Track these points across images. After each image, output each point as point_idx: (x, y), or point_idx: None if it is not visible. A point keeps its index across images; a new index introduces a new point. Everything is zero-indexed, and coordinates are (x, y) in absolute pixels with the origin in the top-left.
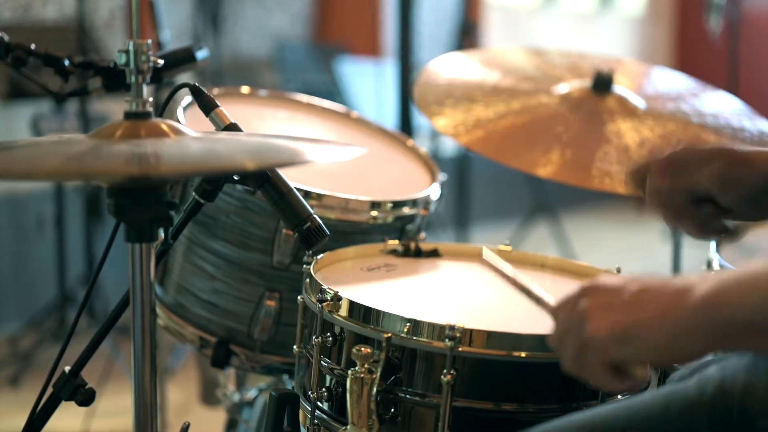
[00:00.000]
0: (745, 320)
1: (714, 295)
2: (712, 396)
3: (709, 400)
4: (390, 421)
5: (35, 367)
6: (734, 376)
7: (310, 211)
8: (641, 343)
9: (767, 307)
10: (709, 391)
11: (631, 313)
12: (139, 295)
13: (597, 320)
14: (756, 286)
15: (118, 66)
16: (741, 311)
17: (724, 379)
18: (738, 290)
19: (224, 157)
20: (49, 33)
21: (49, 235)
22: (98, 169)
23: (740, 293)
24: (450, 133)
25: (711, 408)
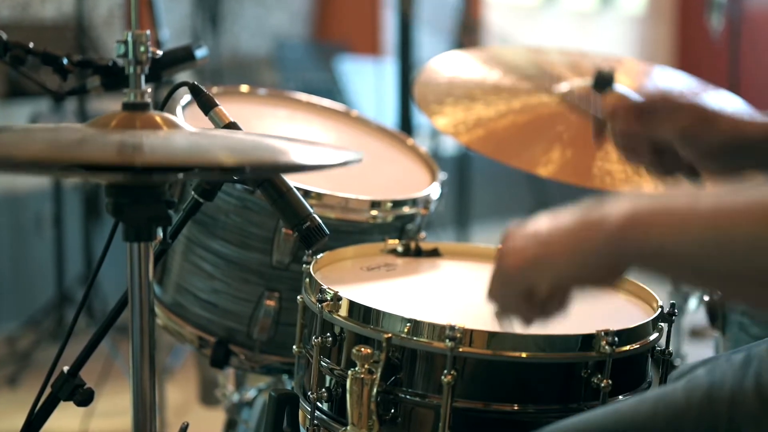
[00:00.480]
0: (653, 248)
1: (626, 222)
2: (699, 403)
3: (696, 407)
4: (390, 421)
5: (33, 367)
6: (722, 383)
7: (309, 211)
8: (549, 270)
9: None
10: (697, 398)
11: (541, 246)
12: (137, 295)
13: (510, 255)
14: (669, 215)
15: (117, 64)
16: (651, 239)
17: (712, 385)
18: (650, 218)
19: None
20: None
21: (47, 235)
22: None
23: (651, 221)
24: (450, 132)
25: (698, 415)
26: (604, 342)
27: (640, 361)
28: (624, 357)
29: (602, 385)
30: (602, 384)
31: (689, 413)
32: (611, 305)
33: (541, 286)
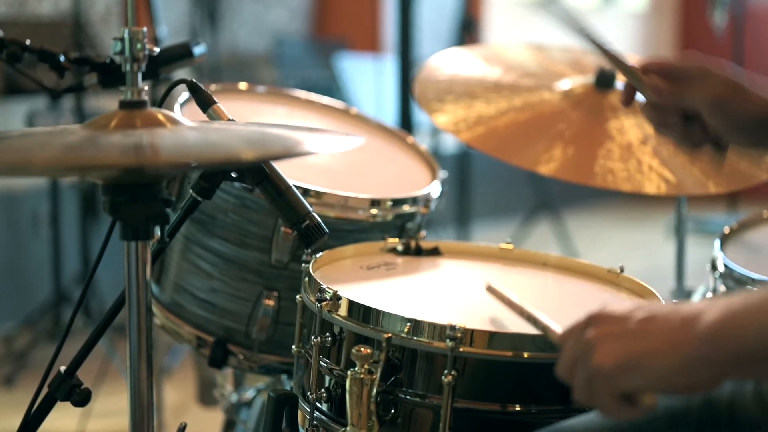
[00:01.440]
0: (753, 349)
1: (722, 322)
2: (699, 406)
3: (696, 411)
4: (390, 422)
5: (30, 367)
6: (721, 387)
7: (308, 209)
8: (649, 373)
9: None
10: (697, 401)
11: (638, 343)
12: (135, 294)
13: (603, 350)
14: (764, 312)
15: (113, 57)
16: (749, 339)
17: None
18: (746, 317)
19: (222, 147)
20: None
21: (44, 233)
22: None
23: (748, 321)
24: (451, 129)
25: (698, 418)
26: None
27: None
28: None
29: None
30: None
31: (689, 417)
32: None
33: (638, 390)
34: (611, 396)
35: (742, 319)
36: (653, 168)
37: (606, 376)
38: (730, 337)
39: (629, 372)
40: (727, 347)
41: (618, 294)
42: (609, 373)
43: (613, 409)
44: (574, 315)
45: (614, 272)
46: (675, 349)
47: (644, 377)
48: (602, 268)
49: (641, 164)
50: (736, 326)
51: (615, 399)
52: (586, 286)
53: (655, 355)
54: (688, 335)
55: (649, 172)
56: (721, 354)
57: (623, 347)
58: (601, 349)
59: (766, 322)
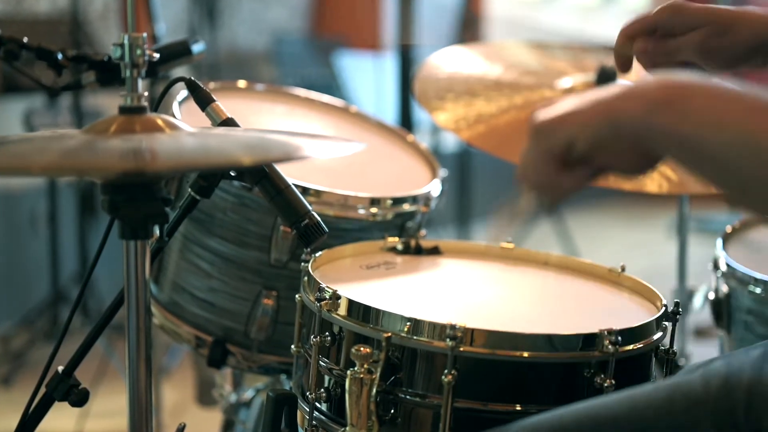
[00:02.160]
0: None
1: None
2: (716, 391)
3: (713, 396)
4: (390, 422)
5: (28, 367)
6: (739, 372)
7: (308, 208)
8: (580, 125)
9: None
10: (714, 386)
11: (577, 104)
12: (133, 294)
13: (545, 113)
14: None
15: (113, 60)
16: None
17: (730, 375)
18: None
19: (220, 153)
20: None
21: (42, 233)
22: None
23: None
24: (451, 128)
25: (715, 404)
26: (607, 341)
27: (643, 361)
28: (627, 357)
29: (605, 385)
30: (605, 384)
31: (707, 402)
32: (614, 303)
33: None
34: (544, 152)
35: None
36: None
37: (540, 130)
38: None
39: (562, 123)
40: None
41: (619, 293)
42: (543, 126)
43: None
44: (574, 314)
45: (615, 271)
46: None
47: (575, 128)
48: (603, 267)
49: None
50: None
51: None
52: (587, 286)
53: (591, 114)
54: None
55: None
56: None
57: (561, 108)
58: (542, 113)
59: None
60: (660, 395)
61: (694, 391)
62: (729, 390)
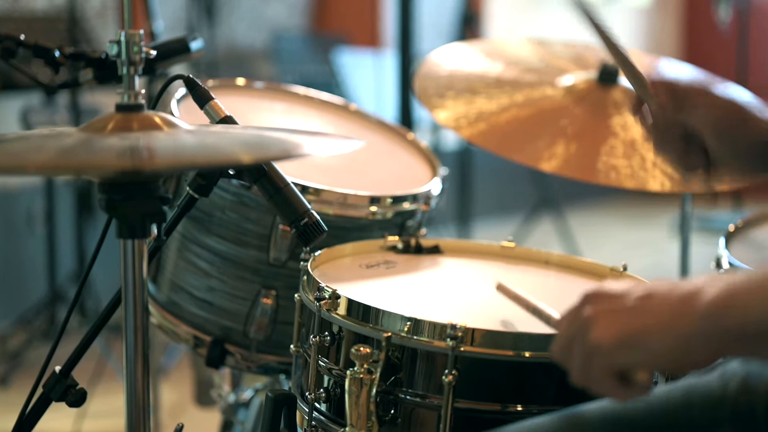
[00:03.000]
0: (755, 327)
1: (722, 299)
2: (735, 392)
3: (732, 397)
4: (390, 422)
5: (25, 367)
6: (759, 373)
7: (307, 207)
8: (647, 350)
9: None
10: (733, 388)
11: (636, 319)
12: (131, 293)
13: (601, 327)
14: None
15: (110, 57)
16: (751, 317)
17: (749, 375)
18: (748, 295)
19: (219, 151)
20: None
21: (39, 232)
22: (90, 162)
23: (750, 298)
24: (451, 126)
25: (734, 405)
26: None
27: None
28: None
29: None
30: None
31: (725, 402)
32: None
33: (635, 367)
34: (608, 373)
35: (743, 296)
36: (657, 165)
37: (603, 352)
38: (730, 314)
39: (627, 348)
40: (726, 324)
41: None
42: (606, 349)
43: (609, 387)
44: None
45: (617, 271)
46: (673, 325)
47: (642, 353)
48: (605, 266)
49: (645, 161)
50: (736, 303)
51: (611, 376)
52: (588, 285)
53: (653, 332)
54: (687, 311)
55: (653, 169)
56: (719, 331)
57: (621, 323)
58: (599, 326)
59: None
60: (676, 396)
61: (712, 392)
62: (748, 390)
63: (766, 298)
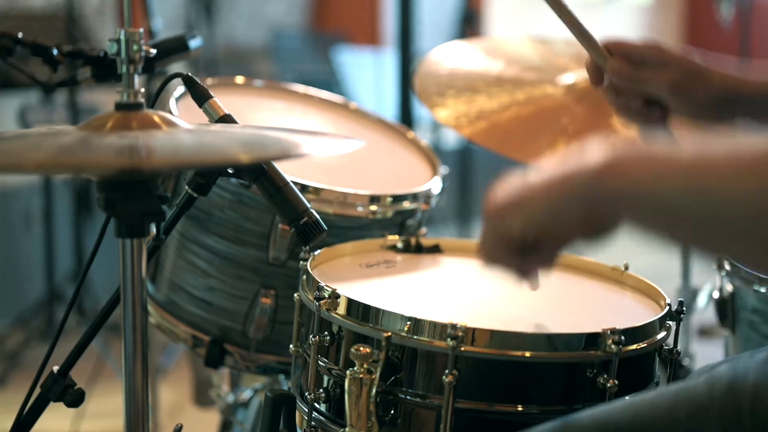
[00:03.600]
0: (633, 192)
1: (605, 164)
2: (721, 396)
3: (718, 401)
4: (390, 423)
5: (23, 367)
6: (744, 377)
7: (307, 206)
8: (526, 211)
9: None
10: (719, 391)
11: (521, 190)
12: (130, 293)
13: (494, 199)
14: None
15: (109, 55)
16: (631, 184)
17: (735, 379)
18: (630, 165)
19: (218, 150)
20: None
21: (37, 231)
22: (89, 161)
23: (632, 167)
24: (452, 124)
25: (721, 409)
26: (610, 341)
27: (647, 361)
28: (631, 356)
29: (608, 386)
30: (608, 384)
31: (712, 407)
32: (617, 303)
33: (515, 229)
34: (497, 239)
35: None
36: None
37: (490, 219)
38: (610, 182)
39: (507, 212)
40: (605, 190)
41: (622, 292)
42: (492, 216)
43: (502, 255)
44: (577, 314)
45: (618, 270)
46: (553, 188)
47: (524, 213)
48: (606, 265)
49: None
50: (617, 171)
51: (501, 243)
52: (589, 285)
53: (534, 198)
54: (568, 181)
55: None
56: (600, 195)
57: (506, 195)
58: (493, 199)
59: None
60: (664, 401)
61: (699, 397)
62: (734, 394)
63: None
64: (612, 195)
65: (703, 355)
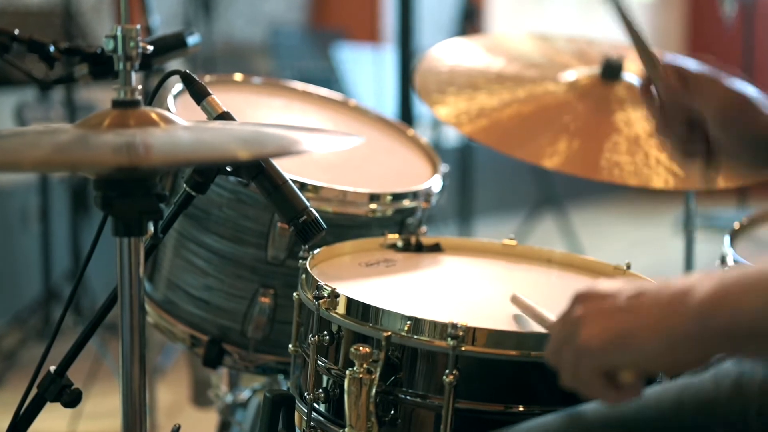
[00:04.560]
0: (747, 326)
1: (714, 298)
2: (728, 392)
3: (725, 397)
4: (390, 423)
5: (19, 367)
6: (751, 373)
7: (306, 204)
8: (636, 351)
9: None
10: (726, 388)
11: (626, 318)
12: (127, 292)
13: (591, 326)
14: (760, 287)
15: (106, 52)
16: (743, 316)
17: (742, 375)
18: (740, 292)
19: (216, 147)
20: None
21: (33, 229)
22: (86, 159)
23: (743, 296)
24: (452, 122)
25: (727, 405)
26: None
27: None
28: None
29: None
30: None
31: (718, 402)
32: None
33: (624, 368)
34: (597, 374)
35: (735, 294)
36: (661, 162)
37: (591, 353)
38: (722, 313)
39: (615, 348)
40: (717, 324)
41: None
42: (595, 350)
43: (598, 388)
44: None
45: (620, 269)
46: (663, 325)
47: (630, 354)
48: (608, 264)
49: (648, 158)
50: (728, 302)
51: (600, 377)
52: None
53: (642, 332)
54: (677, 311)
55: (656, 166)
56: (711, 331)
57: (611, 323)
58: (589, 326)
59: (759, 298)
60: (669, 397)
61: (705, 392)
62: (741, 390)
63: (759, 297)
64: (726, 326)
65: None
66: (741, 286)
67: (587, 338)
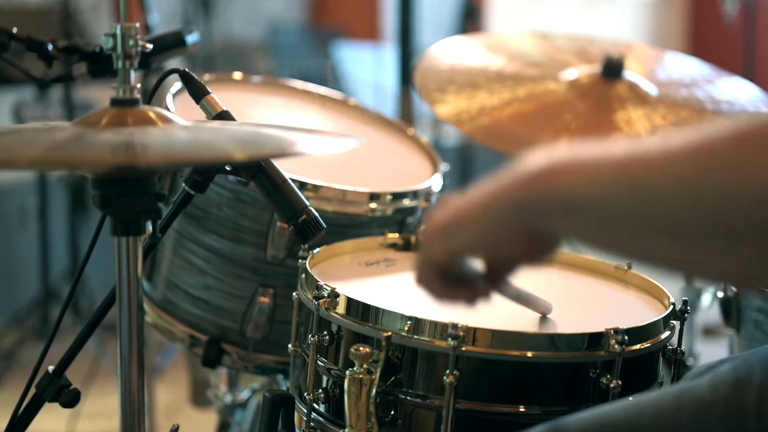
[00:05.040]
0: (563, 200)
1: (536, 180)
2: (725, 395)
3: (722, 400)
4: (390, 423)
5: (17, 367)
6: (749, 377)
7: (305, 203)
8: (463, 233)
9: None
10: (723, 390)
11: (455, 211)
12: (126, 292)
13: (427, 225)
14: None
15: (104, 51)
16: (560, 192)
17: (739, 377)
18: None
19: (214, 147)
20: (32, 16)
21: (32, 229)
22: (82, 157)
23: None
24: (452, 121)
25: (725, 410)
26: (613, 341)
27: (651, 361)
28: (634, 356)
29: (612, 386)
30: (612, 384)
31: (715, 407)
32: (620, 302)
33: (442, 254)
34: (433, 268)
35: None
36: None
37: (427, 243)
38: (540, 192)
39: (444, 236)
40: (536, 201)
41: (626, 291)
42: (427, 241)
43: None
44: (580, 313)
45: (621, 269)
46: (485, 210)
47: (458, 237)
48: (609, 264)
49: None
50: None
51: (436, 271)
52: (592, 284)
53: (466, 219)
54: (500, 196)
55: None
56: (530, 209)
57: (446, 211)
58: (426, 224)
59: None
60: (667, 401)
61: (702, 396)
62: (738, 393)
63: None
64: (545, 204)
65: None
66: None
67: (423, 233)
